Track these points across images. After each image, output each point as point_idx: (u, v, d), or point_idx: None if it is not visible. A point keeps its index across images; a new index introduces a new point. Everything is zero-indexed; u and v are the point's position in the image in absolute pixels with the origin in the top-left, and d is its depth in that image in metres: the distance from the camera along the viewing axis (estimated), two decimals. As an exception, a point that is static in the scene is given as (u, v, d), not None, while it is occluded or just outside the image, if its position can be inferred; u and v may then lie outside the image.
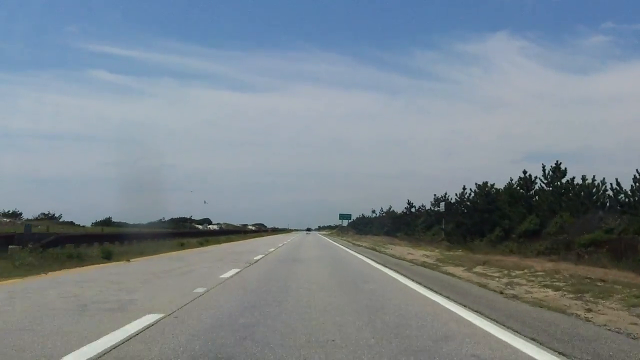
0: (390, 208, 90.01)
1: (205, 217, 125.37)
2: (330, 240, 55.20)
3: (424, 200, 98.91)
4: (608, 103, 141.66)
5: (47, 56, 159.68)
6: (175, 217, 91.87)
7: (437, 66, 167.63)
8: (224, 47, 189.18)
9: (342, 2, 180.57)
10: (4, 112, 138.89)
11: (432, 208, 51.13)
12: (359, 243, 44.44)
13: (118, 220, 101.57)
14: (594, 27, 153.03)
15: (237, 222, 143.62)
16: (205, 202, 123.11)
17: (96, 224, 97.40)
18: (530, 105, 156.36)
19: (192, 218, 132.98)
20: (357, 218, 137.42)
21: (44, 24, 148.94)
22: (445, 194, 49.95)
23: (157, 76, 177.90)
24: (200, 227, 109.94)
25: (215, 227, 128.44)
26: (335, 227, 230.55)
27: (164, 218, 64.81)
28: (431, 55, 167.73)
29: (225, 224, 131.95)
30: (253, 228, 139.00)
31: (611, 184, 25.93)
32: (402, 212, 66.86)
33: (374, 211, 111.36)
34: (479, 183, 37.46)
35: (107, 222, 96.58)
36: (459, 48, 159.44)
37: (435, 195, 51.17)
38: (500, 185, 34.95)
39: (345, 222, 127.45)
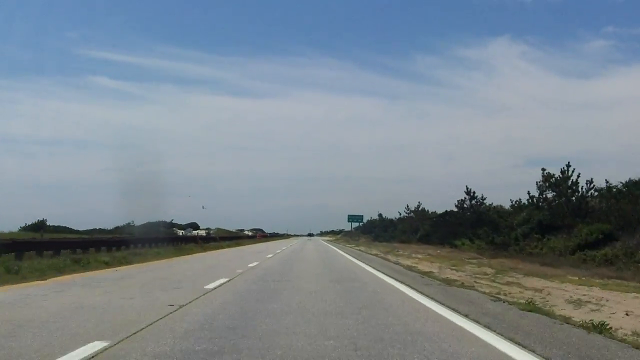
0: (419, 206, 66.15)
1: (203, 221, 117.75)
2: (347, 255, 31.50)
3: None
4: (610, 107, 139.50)
5: (48, 62, 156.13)
6: (155, 220, 75.82)
7: (438, 71, 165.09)
8: (224, 52, 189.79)
9: (343, 7, 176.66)
10: (4, 117, 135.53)
11: (542, 194, 27.00)
12: (419, 266, 20.13)
13: (56, 224, 79.14)
14: (595, 32, 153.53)
15: (237, 227, 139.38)
16: (203, 207, 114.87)
17: (25, 228, 75.65)
18: (531, 110, 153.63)
19: (174, 222, 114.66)
20: (368, 220, 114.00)
21: (44, 30, 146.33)
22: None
23: (158, 82, 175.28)
24: (181, 232, 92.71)
25: (202, 232, 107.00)
26: (340, 232, 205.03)
27: (132, 222, 58.69)
28: (432, 60, 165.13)
29: (217, 228, 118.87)
30: (249, 233, 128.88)
31: None
32: (457, 206, 42.81)
33: (380, 215, 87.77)
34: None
35: (40, 225, 74.78)
36: (460, 53, 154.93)
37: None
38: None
39: (353, 226, 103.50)
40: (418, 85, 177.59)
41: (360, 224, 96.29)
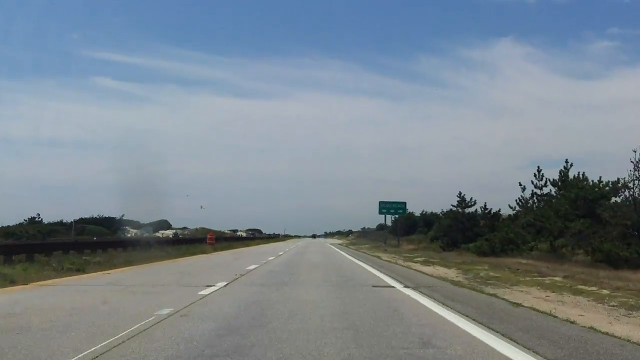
0: (569, 168, 27.85)
1: (202, 222, 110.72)
2: None
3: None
4: (613, 108, 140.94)
5: (49, 63, 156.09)
6: (101, 216, 71.81)
7: (442, 72, 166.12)
8: (226, 53, 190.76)
9: (346, 8, 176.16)
10: (4, 118, 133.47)
11: None
12: None
13: None
14: (600, 33, 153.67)
15: (240, 227, 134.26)
16: (202, 207, 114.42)
17: None
18: (535, 111, 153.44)
19: (124, 219, 78.15)
20: (421, 214, 76.82)
21: (45, 31, 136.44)
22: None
23: (160, 83, 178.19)
24: (135, 232, 71.90)
25: (168, 233, 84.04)
26: (347, 232, 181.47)
27: (38, 216, 50.16)
28: (436, 61, 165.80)
29: (201, 228, 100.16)
30: (243, 234, 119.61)
31: None
32: None
33: (462, 199, 49.29)
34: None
35: None
36: (464, 54, 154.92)
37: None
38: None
39: (389, 218, 65.49)
40: (422, 87, 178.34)
41: (400, 213, 57.94)
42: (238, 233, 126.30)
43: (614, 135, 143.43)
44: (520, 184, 30.72)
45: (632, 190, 21.51)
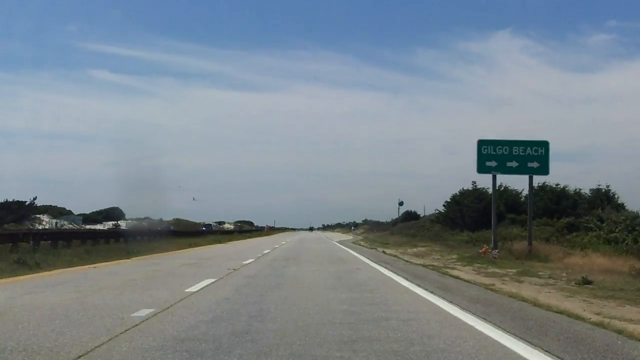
0: None
1: (196, 214, 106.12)
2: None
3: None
4: (611, 101, 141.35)
5: (47, 56, 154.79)
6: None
7: (439, 65, 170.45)
8: (224, 46, 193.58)
9: (344, 0, 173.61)
10: (3, 111, 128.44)
11: None
12: None
13: None
14: (598, 26, 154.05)
15: (237, 219, 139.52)
16: (194, 199, 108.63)
17: None
18: (533, 104, 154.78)
19: (36, 204, 62.33)
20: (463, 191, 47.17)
21: (44, 24, 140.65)
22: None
23: (158, 75, 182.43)
24: (53, 222, 63.48)
25: (120, 224, 65.89)
26: (350, 225, 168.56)
27: None
28: (433, 53, 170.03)
29: (175, 219, 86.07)
30: (232, 227, 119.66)
31: None
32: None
33: None
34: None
35: None
36: (461, 46, 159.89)
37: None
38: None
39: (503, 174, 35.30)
40: (419, 79, 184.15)
41: (532, 173, 26.60)
42: (225, 225, 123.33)
43: (612, 128, 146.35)
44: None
45: None
